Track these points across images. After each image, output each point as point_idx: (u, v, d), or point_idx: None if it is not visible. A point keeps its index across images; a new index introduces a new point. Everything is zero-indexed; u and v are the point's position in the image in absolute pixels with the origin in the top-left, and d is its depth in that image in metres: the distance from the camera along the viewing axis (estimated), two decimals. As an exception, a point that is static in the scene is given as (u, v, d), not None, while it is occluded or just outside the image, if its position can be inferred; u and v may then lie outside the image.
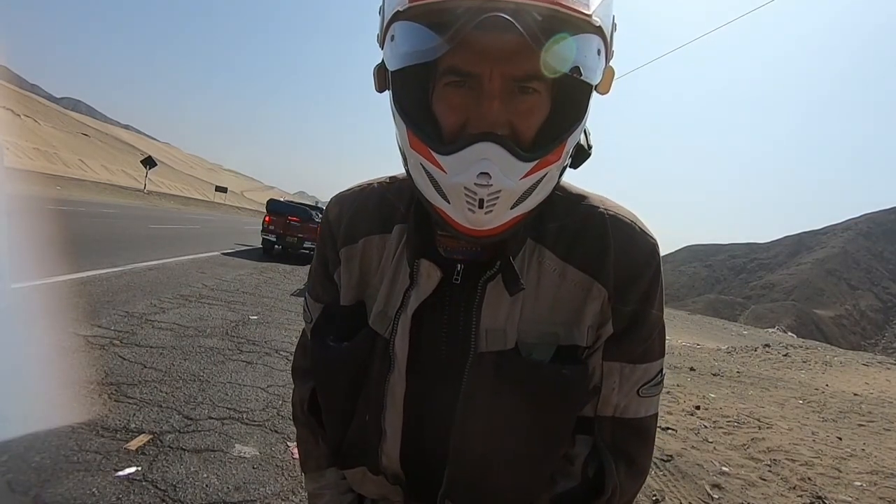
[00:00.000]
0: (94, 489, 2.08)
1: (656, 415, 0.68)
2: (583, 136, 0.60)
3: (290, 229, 12.31)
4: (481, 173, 0.48)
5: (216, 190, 66.18)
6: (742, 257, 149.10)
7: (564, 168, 0.57)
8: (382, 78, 0.55)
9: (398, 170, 0.70)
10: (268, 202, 13.14)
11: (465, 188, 0.50)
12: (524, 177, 0.50)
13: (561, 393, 0.60)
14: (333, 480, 0.77)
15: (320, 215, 13.70)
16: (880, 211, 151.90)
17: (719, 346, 13.56)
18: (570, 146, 0.54)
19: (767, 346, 13.35)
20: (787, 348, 13.19)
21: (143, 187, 45.17)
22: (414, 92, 0.55)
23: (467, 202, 0.50)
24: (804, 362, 10.78)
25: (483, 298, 0.60)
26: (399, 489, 0.69)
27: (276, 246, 12.47)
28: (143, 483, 2.18)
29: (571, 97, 0.53)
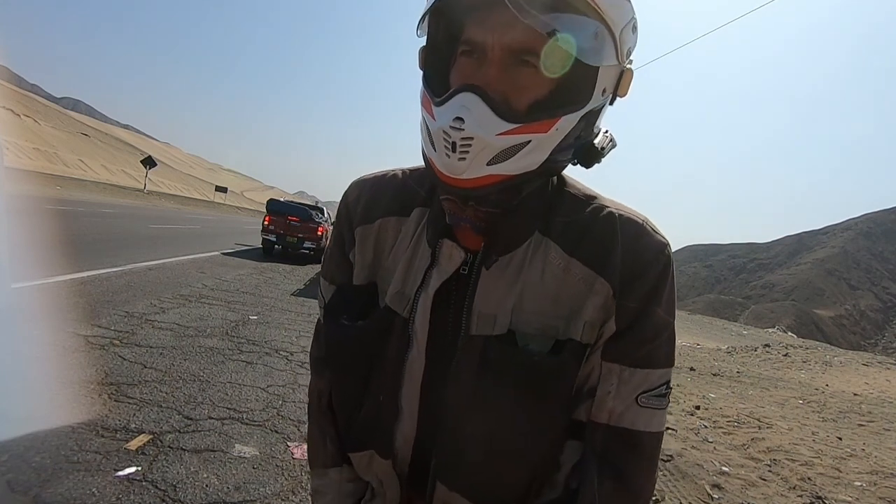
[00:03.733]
0: (94, 489, 2.08)
1: (660, 434, 0.63)
2: (601, 136, 0.61)
3: (290, 229, 12.30)
4: (456, 117, 0.52)
5: (216, 190, 66.08)
6: (742, 257, 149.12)
7: (562, 150, 0.57)
8: (422, 57, 0.62)
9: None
10: (268, 202, 13.11)
11: (443, 131, 0.53)
12: (502, 134, 0.52)
13: (541, 381, 0.59)
14: (336, 481, 0.78)
15: (320, 215, 13.64)
16: (880, 211, 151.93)
17: (719, 346, 13.56)
18: (563, 125, 0.54)
19: (767, 346, 13.35)
20: (787, 348, 13.20)
21: (143, 187, 45.16)
22: (436, 63, 0.61)
23: (444, 146, 0.53)
24: (804, 362, 10.78)
25: (477, 282, 0.61)
26: (397, 479, 0.69)
27: (276, 246, 12.46)
28: (143, 483, 2.18)
29: (569, 77, 0.55)
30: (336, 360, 0.73)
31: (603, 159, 0.62)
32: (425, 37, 0.61)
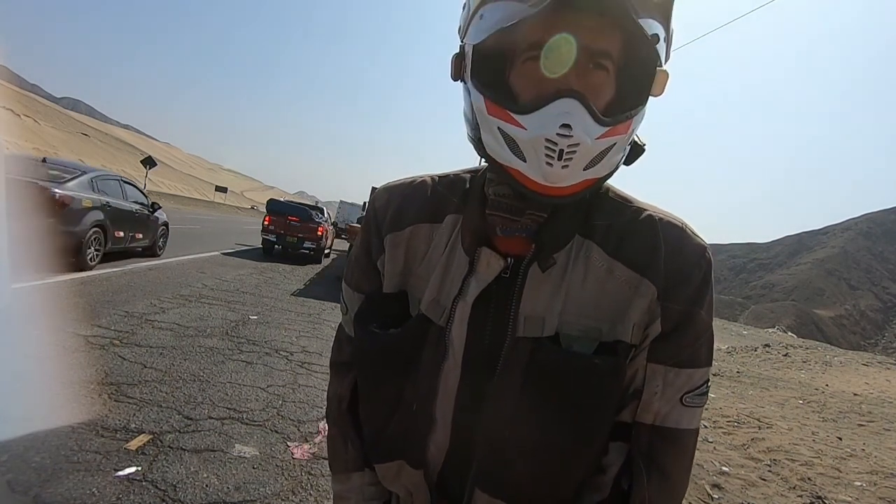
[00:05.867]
0: (94, 489, 2.08)
1: (697, 431, 0.66)
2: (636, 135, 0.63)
3: (290, 229, 12.28)
4: (563, 125, 0.51)
5: (216, 190, 66.02)
6: (742, 257, 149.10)
7: (625, 152, 0.59)
8: (458, 66, 0.60)
9: (399, 169, 0.69)
10: (268, 202, 13.09)
11: (547, 139, 0.52)
12: (599, 138, 0.53)
13: (593, 383, 0.59)
14: (359, 485, 0.77)
15: (320, 215, 13.61)
16: (880, 211, 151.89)
17: (719, 346, 13.55)
18: (635, 124, 0.56)
19: (767, 346, 13.36)
20: (787, 348, 13.20)
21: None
22: (493, 68, 0.59)
23: (547, 154, 0.53)
24: (804, 362, 10.78)
25: (524, 284, 0.61)
26: (427, 489, 0.69)
27: (276, 246, 12.45)
28: (143, 483, 2.18)
29: (638, 77, 0.56)
30: (366, 370, 0.72)
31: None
32: (465, 44, 0.58)
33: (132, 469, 2.26)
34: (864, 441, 4.63)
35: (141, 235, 7.92)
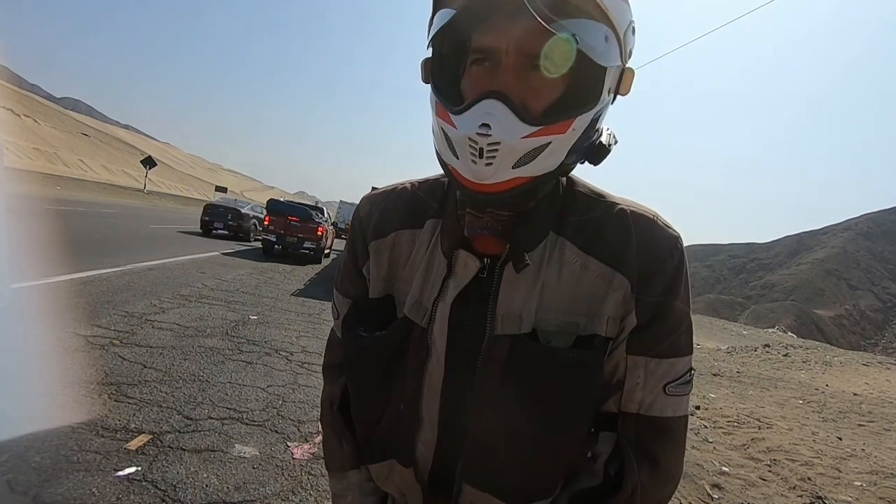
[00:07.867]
0: (94, 489, 2.08)
1: (686, 417, 0.67)
2: (606, 134, 0.63)
3: (290, 229, 12.29)
4: (482, 124, 0.53)
5: (216, 190, 65.88)
6: (742, 257, 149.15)
7: (576, 150, 0.58)
8: (427, 70, 0.62)
9: (399, 169, 0.70)
10: (268, 202, 13.12)
11: (469, 138, 0.54)
12: (526, 137, 0.53)
13: (571, 377, 0.61)
14: (357, 482, 0.79)
15: (320, 215, 13.62)
16: (880, 211, 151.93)
17: (719, 346, 13.56)
18: (578, 125, 0.56)
19: (767, 346, 13.36)
20: (787, 348, 13.20)
21: (143, 187, 45.17)
22: (447, 73, 0.61)
23: (470, 153, 0.54)
24: (804, 362, 10.78)
25: (500, 283, 0.62)
26: (419, 487, 0.70)
27: (276, 246, 12.46)
28: (143, 483, 2.18)
29: (582, 79, 0.57)
30: (355, 372, 0.74)
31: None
32: (431, 48, 0.61)
33: (132, 469, 2.26)
34: (864, 441, 4.64)
35: (261, 230, 14.99)
